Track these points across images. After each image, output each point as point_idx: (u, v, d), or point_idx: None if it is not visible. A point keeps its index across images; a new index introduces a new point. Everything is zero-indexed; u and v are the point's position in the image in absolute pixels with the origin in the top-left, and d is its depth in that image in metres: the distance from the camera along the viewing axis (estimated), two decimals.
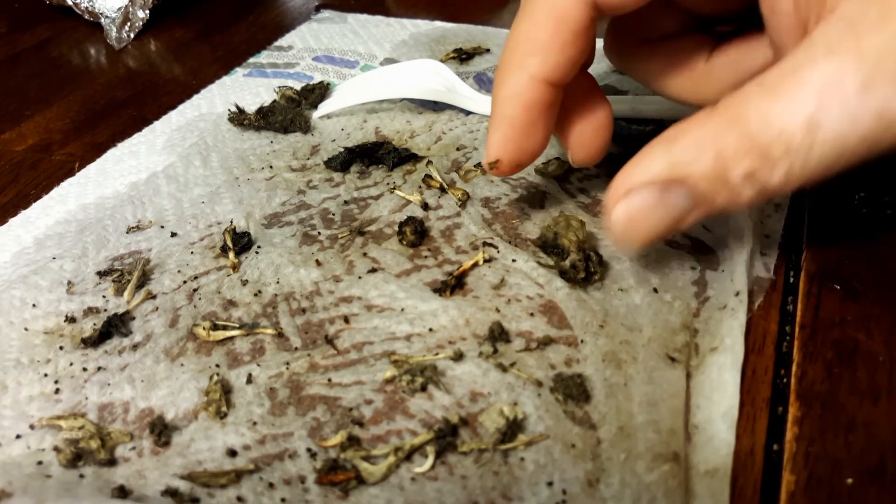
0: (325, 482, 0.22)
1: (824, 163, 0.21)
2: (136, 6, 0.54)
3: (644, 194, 0.23)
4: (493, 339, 0.26)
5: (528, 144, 0.28)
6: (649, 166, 0.23)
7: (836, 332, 0.26)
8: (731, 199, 0.23)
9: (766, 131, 0.21)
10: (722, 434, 0.23)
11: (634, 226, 0.24)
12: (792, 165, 0.21)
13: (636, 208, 0.24)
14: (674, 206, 0.23)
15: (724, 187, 0.22)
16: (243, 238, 0.32)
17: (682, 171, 0.23)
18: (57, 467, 0.23)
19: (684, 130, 0.23)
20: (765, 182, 0.22)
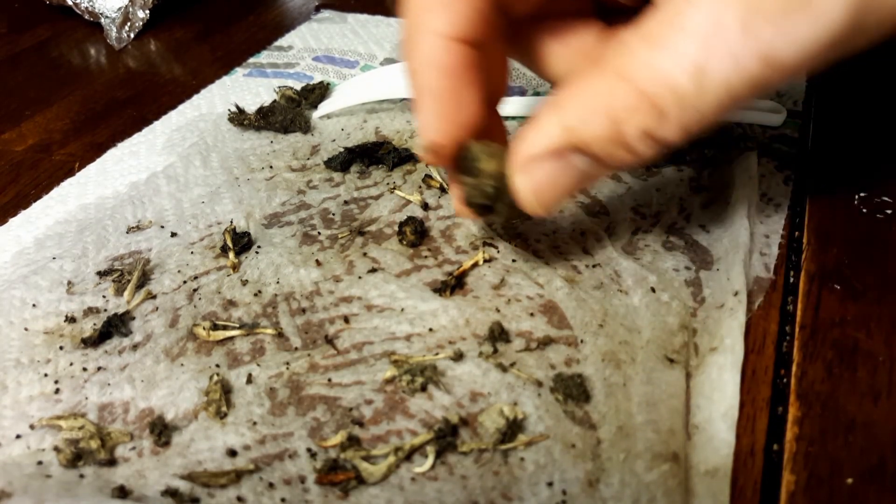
0: (325, 482, 0.22)
1: (715, 109, 0.21)
2: (136, 6, 0.54)
3: (543, 165, 0.23)
4: (493, 339, 0.26)
5: (460, 117, 0.25)
6: (544, 134, 0.23)
7: (836, 332, 0.26)
8: (629, 157, 0.22)
9: (654, 83, 0.20)
10: (722, 434, 0.23)
11: (540, 195, 0.24)
12: (683, 116, 0.21)
13: (538, 179, 0.23)
14: (574, 172, 0.23)
15: (620, 146, 0.22)
16: (243, 238, 0.32)
17: (576, 136, 0.22)
18: (57, 467, 0.23)
19: (573, 93, 0.22)
20: (660, 136, 0.21)
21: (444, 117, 0.25)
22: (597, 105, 0.21)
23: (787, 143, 0.37)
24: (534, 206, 0.24)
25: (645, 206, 0.33)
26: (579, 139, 0.22)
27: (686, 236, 0.31)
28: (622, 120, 0.21)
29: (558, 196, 0.24)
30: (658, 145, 0.22)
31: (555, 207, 0.25)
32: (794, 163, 0.36)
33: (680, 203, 0.33)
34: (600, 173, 0.24)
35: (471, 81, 0.25)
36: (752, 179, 0.34)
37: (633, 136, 0.21)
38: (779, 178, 0.35)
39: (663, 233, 0.32)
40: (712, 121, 0.21)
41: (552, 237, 0.32)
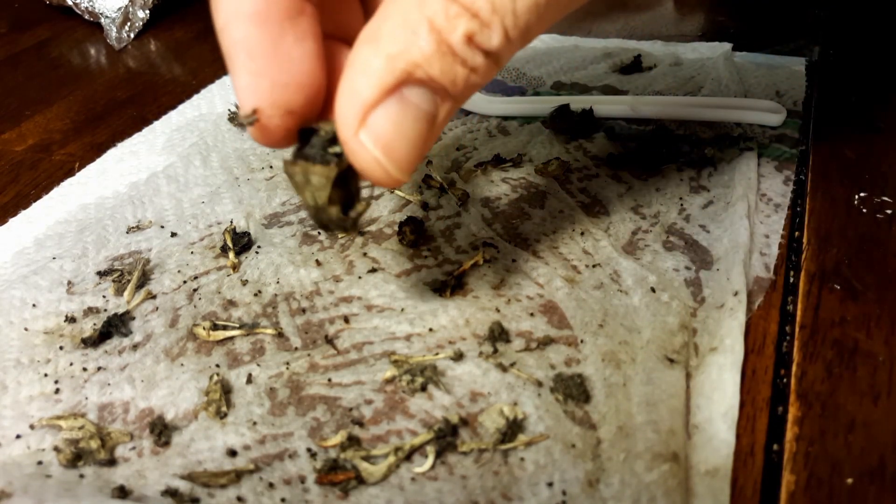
0: (325, 482, 0.22)
1: (534, 12, 0.19)
2: (136, 6, 0.54)
3: (383, 111, 0.20)
4: (493, 339, 0.26)
5: (286, 75, 0.20)
6: (370, 74, 0.19)
7: (836, 332, 0.26)
8: (469, 74, 0.20)
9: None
10: (722, 434, 0.23)
11: (393, 150, 0.20)
12: (504, 21, 0.19)
13: (384, 129, 0.20)
14: (419, 110, 0.20)
15: (454, 61, 0.19)
16: (243, 238, 0.32)
17: (405, 61, 0.19)
18: (57, 467, 0.23)
19: (384, 17, 0.20)
20: (487, 46, 0.20)
21: (262, 76, 0.20)
22: (413, 20, 0.19)
23: (787, 143, 0.37)
24: (387, 167, 0.20)
25: (645, 206, 0.33)
26: (409, 63, 0.19)
27: (686, 236, 0.31)
28: (444, 28, 0.19)
29: (410, 147, 0.20)
30: (487, 57, 0.20)
31: (410, 164, 0.21)
32: (794, 163, 0.36)
33: (680, 203, 0.33)
34: (443, 110, 0.21)
35: (295, 32, 0.20)
36: (752, 179, 0.34)
37: (460, 45, 0.19)
38: (779, 178, 0.35)
39: (663, 233, 0.32)
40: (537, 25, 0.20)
41: (552, 237, 0.32)
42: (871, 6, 0.52)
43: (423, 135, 0.21)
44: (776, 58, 0.46)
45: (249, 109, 0.20)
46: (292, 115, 0.21)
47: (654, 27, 0.53)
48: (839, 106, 0.40)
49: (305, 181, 0.21)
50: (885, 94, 0.40)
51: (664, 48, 0.48)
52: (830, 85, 0.43)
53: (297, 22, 0.21)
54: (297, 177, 0.21)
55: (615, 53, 0.48)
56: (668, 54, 0.47)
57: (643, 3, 0.56)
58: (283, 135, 0.21)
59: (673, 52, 0.47)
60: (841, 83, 0.42)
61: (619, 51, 0.48)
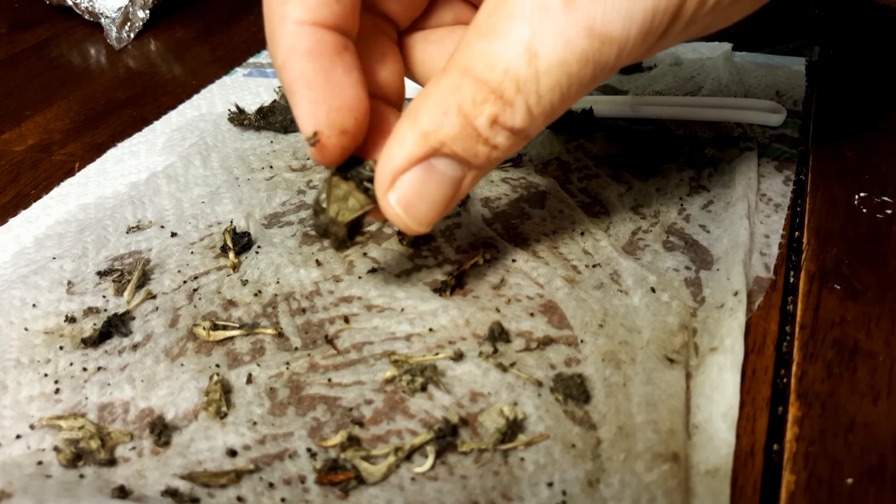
0: (325, 482, 0.22)
1: (557, 91, 0.21)
2: (136, 6, 0.54)
3: (411, 177, 0.23)
4: (493, 338, 0.26)
5: (338, 100, 0.23)
6: (404, 145, 0.22)
7: (836, 332, 0.26)
8: (491, 151, 0.22)
9: (493, 72, 0.21)
10: (722, 434, 0.23)
11: (412, 210, 0.23)
12: (528, 100, 0.21)
13: (406, 193, 0.23)
14: (444, 177, 0.23)
15: (477, 141, 0.22)
16: (243, 238, 0.32)
17: (434, 139, 0.22)
18: (57, 467, 0.23)
19: (424, 97, 0.22)
20: (511, 124, 0.22)
21: (320, 104, 0.23)
22: (446, 104, 0.21)
23: (787, 143, 0.37)
24: (407, 223, 0.24)
25: (645, 206, 0.33)
26: (437, 141, 0.22)
27: (686, 236, 0.31)
28: (471, 113, 0.21)
29: (431, 208, 0.24)
30: (512, 134, 0.22)
31: (429, 221, 0.24)
32: (794, 163, 0.36)
33: (680, 203, 0.33)
34: (469, 177, 0.23)
35: (343, 65, 0.23)
36: (752, 179, 0.34)
37: (484, 128, 0.22)
38: (779, 178, 0.35)
39: (663, 233, 0.32)
40: (560, 104, 0.21)
41: (552, 237, 0.32)
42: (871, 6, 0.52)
43: (445, 197, 0.24)
44: (776, 58, 0.46)
45: (311, 132, 0.23)
46: (346, 135, 0.24)
47: None
48: (839, 106, 0.40)
49: (342, 197, 0.24)
50: (885, 94, 0.40)
51: None
52: (830, 85, 0.43)
53: (343, 56, 0.23)
54: (338, 189, 0.24)
55: None
56: (668, 54, 0.47)
57: None
58: (339, 153, 0.24)
59: (673, 52, 0.47)
60: (841, 83, 0.42)
61: None
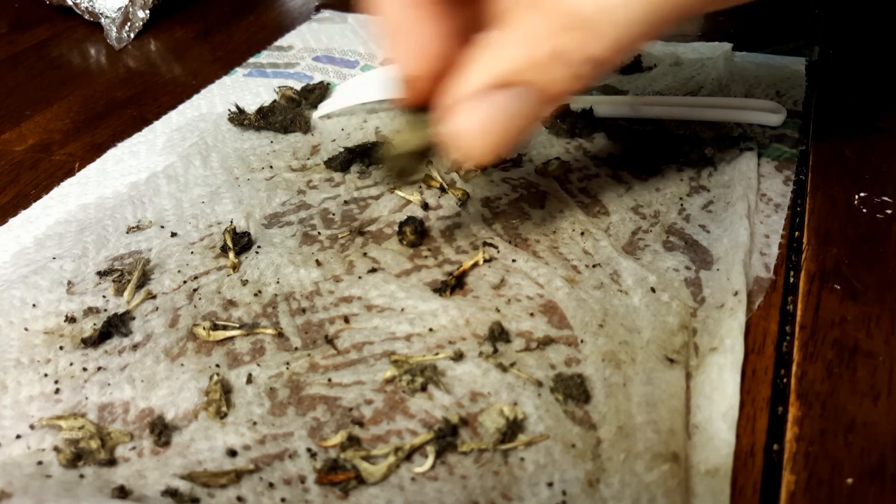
0: (325, 482, 0.22)
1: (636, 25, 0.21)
2: (136, 6, 0.54)
3: (476, 104, 0.23)
4: (493, 339, 0.26)
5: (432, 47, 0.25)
6: (477, 72, 0.23)
7: (836, 332, 0.26)
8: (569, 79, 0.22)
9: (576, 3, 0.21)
10: (722, 434, 0.23)
11: (484, 134, 0.23)
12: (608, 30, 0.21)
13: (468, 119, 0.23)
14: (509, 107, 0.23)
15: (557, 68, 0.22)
16: (243, 238, 0.32)
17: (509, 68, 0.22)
18: (57, 467, 0.23)
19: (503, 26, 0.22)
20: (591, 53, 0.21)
21: (414, 48, 0.25)
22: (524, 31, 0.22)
23: (787, 143, 0.37)
24: (472, 147, 0.24)
25: (645, 206, 0.33)
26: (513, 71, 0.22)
27: (686, 236, 0.31)
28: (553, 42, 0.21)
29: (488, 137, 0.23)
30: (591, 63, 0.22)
31: (496, 148, 0.24)
32: (794, 163, 0.36)
33: (680, 203, 0.33)
34: (539, 109, 0.23)
35: (436, 14, 0.24)
36: (752, 179, 0.34)
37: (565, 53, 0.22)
38: (779, 178, 0.35)
39: (663, 233, 0.32)
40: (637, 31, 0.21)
41: (552, 237, 0.32)
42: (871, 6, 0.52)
43: (508, 129, 0.23)
44: (776, 58, 0.46)
45: (407, 74, 0.25)
46: (432, 79, 0.25)
47: None
48: (839, 106, 0.40)
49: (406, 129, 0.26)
50: (885, 94, 0.40)
51: (664, 48, 0.48)
52: (830, 85, 0.43)
53: (436, 6, 0.25)
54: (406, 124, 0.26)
55: None
56: (668, 54, 0.47)
57: None
58: (425, 95, 0.25)
59: (673, 52, 0.47)
60: (841, 83, 0.42)
61: None
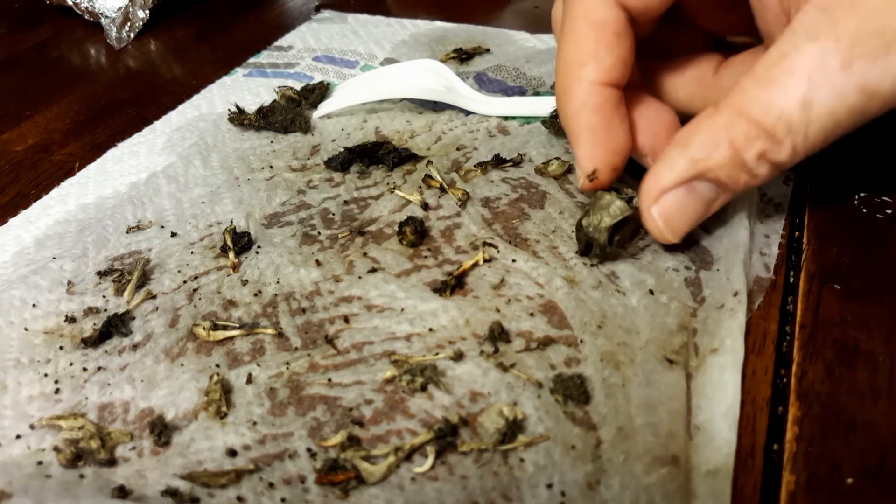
0: (325, 482, 0.22)
1: (822, 134, 0.25)
2: (136, 6, 0.54)
3: (674, 195, 0.27)
4: (494, 339, 0.26)
5: (614, 145, 0.29)
6: (672, 169, 0.27)
7: (836, 332, 0.26)
8: (749, 179, 0.26)
9: (768, 116, 0.24)
10: (724, 434, 0.23)
11: (671, 223, 0.28)
12: (795, 141, 0.25)
13: (669, 208, 0.28)
14: (702, 198, 0.27)
15: (741, 170, 0.26)
16: (243, 238, 0.32)
17: (702, 165, 0.26)
18: (57, 467, 0.23)
19: (695, 129, 0.26)
20: (775, 159, 0.25)
21: (599, 147, 0.29)
22: (718, 137, 0.26)
23: None
24: (664, 234, 0.28)
25: None
26: (705, 167, 0.26)
27: (686, 236, 0.31)
28: (742, 147, 0.25)
29: (687, 222, 0.28)
30: (773, 167, 0.26)
31: (682, 232, 0.28)
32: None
33: None
34: (722, 200, 0.28)
35: (619, 116, 0.29)
36: None
37: (751, 160, 0.25)
38: (779, 179, 0.35)
39: None
40: (821, 145, 0.25)
41: (552, 237, 0.32)
42: None
43: (699, 214, 0.28)
44: None
45: (591, 170, 0.29)
46: (615, 170, 0.30)
47: None
48: None
49: (606, 206, 0.29)
50: None
51: None
52: None
53: (619, 107, 0.29)
54: (601, 201, 0.29)
55: None
56: None
57: None
58: (608, 184, 0.30)
59: None
60: None
61: None
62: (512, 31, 0.52)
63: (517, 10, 0.57)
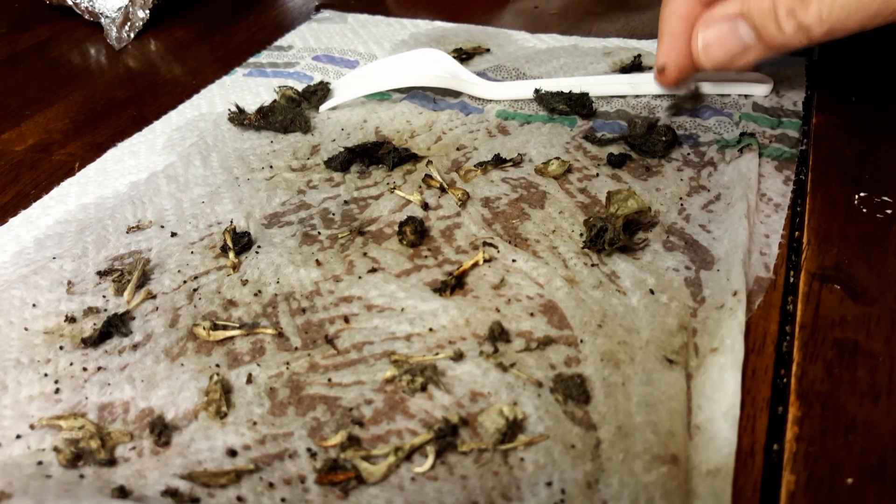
0: (325, 482, 0.22)
1: (843, 12, 0.29)
2: (136, 6, 0.54)
3: (719, 27, 0.33)
4: (494, 338, 0.26)
5: (687, 50, 0.35)
6: (726, 5, 0.33)
7: (836, 332, 0.26)
8: (776, 32, 0.31)
9: None
10: (724, 433, 0.23)
11: (708, 50, 0.34)
12: (821, 7, 0.29)
13: (712, 36, 0.33)
14: (739, 38, 0.33)
15: (772, 21, 0.31)
16: (243, 238, 0.32)
17: (746, 8, 0.32)
18: (57, 467, 0.23)
19: None
20: (801, 19, 0.30)
21: (675, 49, 0.35)
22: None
23: (787, 143, 0.37)
24: (700, 58, 0.34)
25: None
26: (748, 10, 0.32)
27: (686, 236, 0.31)
28: (779, 1, 0.30)
29: (721, 53, 0.33)
30: (797, 27, 0.30)
31: (715, 62, 0.34)
32: (794, 163, 0.36)
33: (680, 203, 0.33)
34: (755, 51, 0.33)
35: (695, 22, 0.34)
36: (751, 179, 0.34)
37: (782, 13, 0.30)
38: (779, 179, 0.35)
39: (663, 233, 0.32)
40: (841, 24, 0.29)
41: (552, 237, 0.32)
42: None
43: (733, 51, 0.33)
44: (776, 57, 0.46)
45: (661, 64, 0.36)
46: (682, 71, 0.35)
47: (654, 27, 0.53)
48: (839, 106, 0.40)
49: (623, 199, 0.32)
50: (885, 95, 0.40)
51: None
52: (830, 85, 0.43)
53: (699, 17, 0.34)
54: (619, 195, 0.32)
55: (615, 53, 0.48)
56: None
57: (643, 3, 0.56)
58: (674, 83, 0.36)
59: None
60: (841, 83, 0.42)
61: (619, 50, 0.48)
62: (512, 31, 0.52)
63: (517, 10, 0.57)
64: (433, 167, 0.36)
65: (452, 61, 0.43)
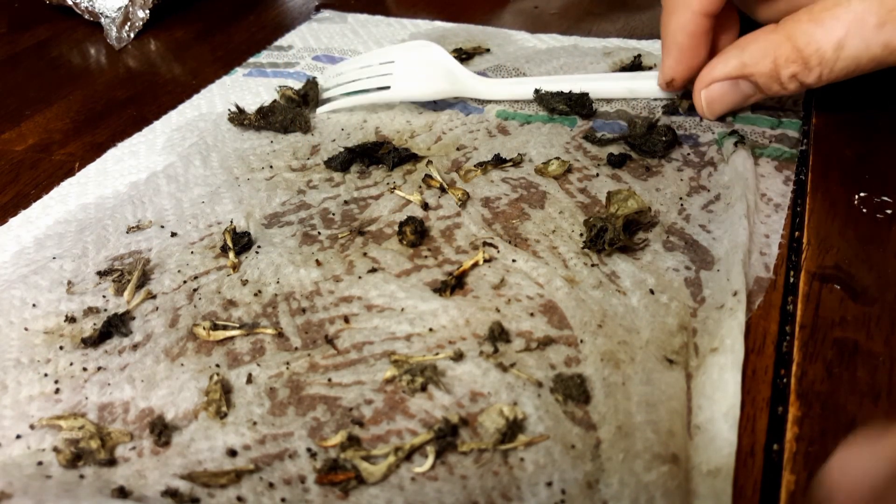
0: (325, 482, 0.22)
1: (844, 71, 0.32)
2: (136, 6, 0.54)
3: (721, 85, 0.36)
4: (494, 338, 0.26)
5: (694, 63, 0.37)
6: (727, 64, 0.35)
7: (836, 332, 0.26)
8: (780, 89, 0.34)
9: (809, 47, 0.32)
10: (724, 434, 0.23)
11: (712, 105, 0.37)
12: (822, 71, 0.32)
13: (714, 94, 0.36)
14: (741, 92, 0.36)
15: (776, 82, 0.34)
16: (243, 238, 0.32)
17: (749, 69, 0.34)
18: (57, 467, 0.23)
19: (753, 40, 0.34)
20: (803, 80, 0.33)
21: (682, 63, 0.37)
22: (768, 52, 0.33)
23: (787, 143, 0.37)
24: (704, 112, 0.37)
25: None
26: (750, 71, 0.34)
27: (686, 236, 0.31)
28: (781, 65, 0.33)
29: (724, 107, 0.37)
30: (800, 86, 0.33)
31: (719, 115, 0.38)
32: (794, 163, 0.36)
33: (680, 203, 0.33)
34: (756, 97, 0.36)
35: (705, 42, 0.36)
36: (751, 180, 0.34)
37: (785, 77, 0.33)
38: (779, 178, 0.35)
39: (663, 233, 0.32)
40: (840, 79, 0.32)
41: (552, 237, 0.32)
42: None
43: (736, 103, 0.37)
44: None
45: (670, 78, 0.38)
46: (688, 84, 0.38)
47: (654, 27, 0.53)
48: (839, 106, 0.40)
49: (623, 199, 0.32)
50: (884, 95, 0.40)
51: None
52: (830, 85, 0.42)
53: (708, 35, 0.36)
54: (620, 195, 0.32)
55: (615, 53, 0.48)
56: None
57: (643, 3, 0.56)
58: (678, 90, 0.39)
59: None
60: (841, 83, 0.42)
61: (619, 50, 0.48)
62: (512, 31, 0.52)
63: (517, 10, 0.57)
64: (433, 167, 0.36)
65: (448, 57, 0.42)
